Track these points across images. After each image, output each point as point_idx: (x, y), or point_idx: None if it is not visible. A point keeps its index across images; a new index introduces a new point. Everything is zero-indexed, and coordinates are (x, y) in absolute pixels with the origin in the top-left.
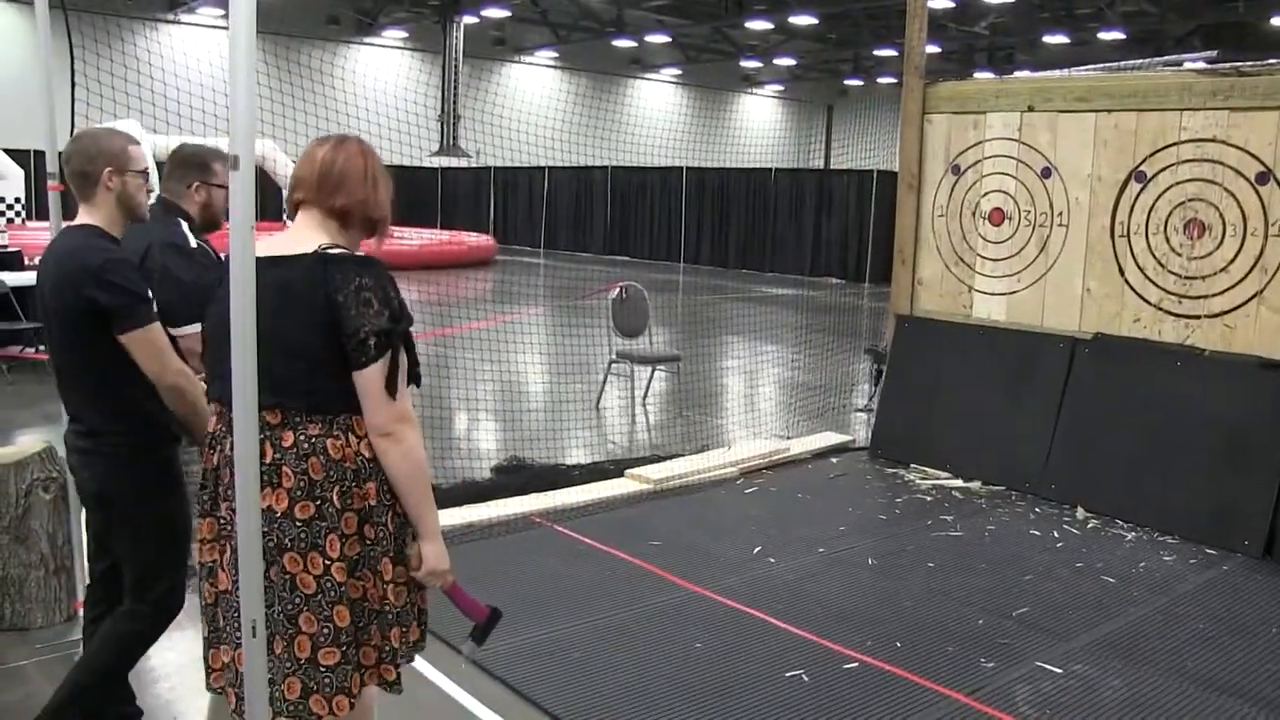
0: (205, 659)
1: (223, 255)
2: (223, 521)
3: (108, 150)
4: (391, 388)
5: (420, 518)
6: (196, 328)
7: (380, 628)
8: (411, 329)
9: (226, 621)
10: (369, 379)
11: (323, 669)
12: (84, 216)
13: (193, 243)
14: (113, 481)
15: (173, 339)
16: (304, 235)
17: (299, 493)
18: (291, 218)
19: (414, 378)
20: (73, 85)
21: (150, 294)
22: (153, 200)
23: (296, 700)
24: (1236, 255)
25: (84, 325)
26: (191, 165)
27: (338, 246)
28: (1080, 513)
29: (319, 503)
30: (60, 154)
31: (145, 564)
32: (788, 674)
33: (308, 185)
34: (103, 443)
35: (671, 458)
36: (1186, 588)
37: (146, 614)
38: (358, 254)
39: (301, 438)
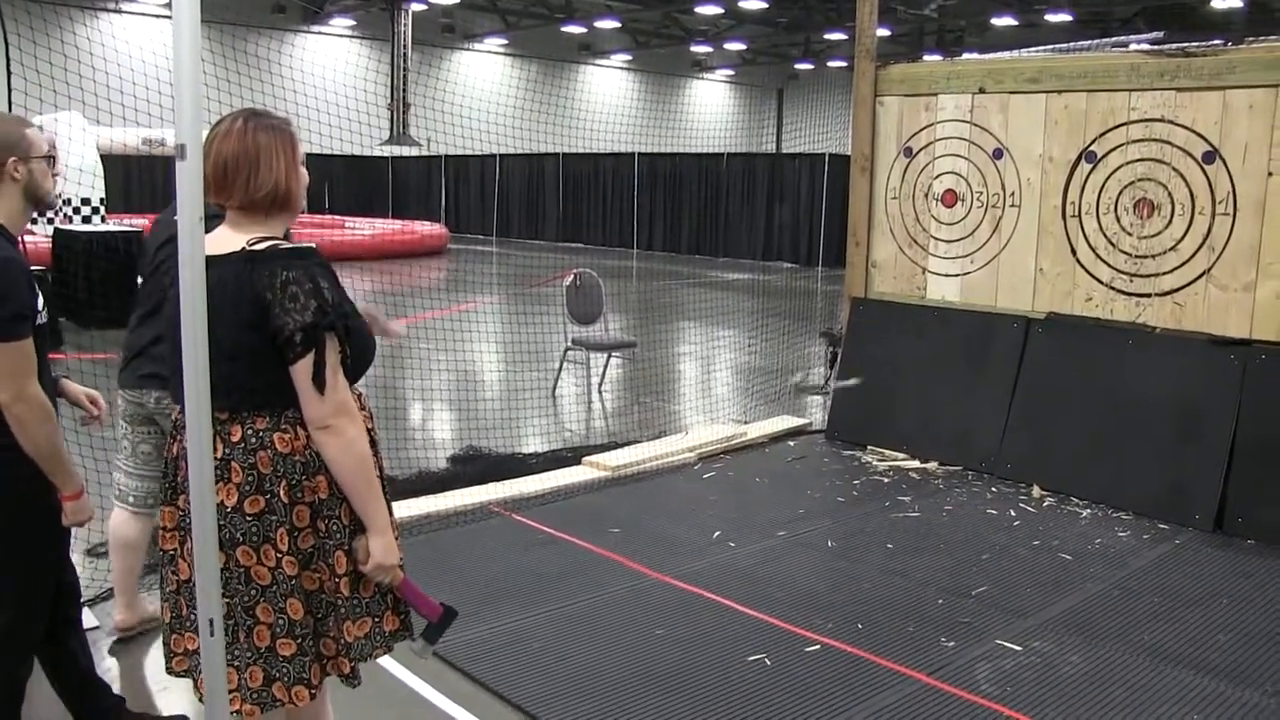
0: (166, 643)
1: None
2: (182, 512)
3: (7, 138)
4: (319, 381)
5: (366, 511)
6: None
7: (336, 620)
8: (354, 318)
9: (190, 609)
10: (299, 374)
11: (281, 659)
12: None
13: None
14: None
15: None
16: (231, 233)
17: (248, 487)
18: None
19: (358, 370)
20: (9, 75)
21: (30, 308)
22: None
23: (260, 688)
24: (1185, 234)
25: None
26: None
27: (265, 239)
28: (1036, 491)
29: (268, 496)
30: None
31: None
32: (749, 658)
33: (210, 186)
34: None
35: (629, 444)
36: (1141, 563)
37: None
38: (287, 245)
39: (249, 432)
